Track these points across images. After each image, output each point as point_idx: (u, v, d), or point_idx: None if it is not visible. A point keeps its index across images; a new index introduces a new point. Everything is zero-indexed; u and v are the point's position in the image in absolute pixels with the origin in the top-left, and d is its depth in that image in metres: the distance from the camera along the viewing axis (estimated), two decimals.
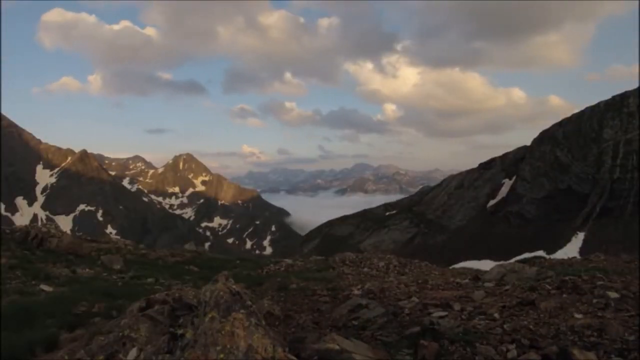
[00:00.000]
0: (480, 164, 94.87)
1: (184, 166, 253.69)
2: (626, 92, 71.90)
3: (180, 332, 3.82)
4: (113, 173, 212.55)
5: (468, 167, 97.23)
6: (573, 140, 76.17)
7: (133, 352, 4.02)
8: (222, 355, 3.03)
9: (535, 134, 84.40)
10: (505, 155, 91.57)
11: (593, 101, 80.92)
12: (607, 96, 77.10)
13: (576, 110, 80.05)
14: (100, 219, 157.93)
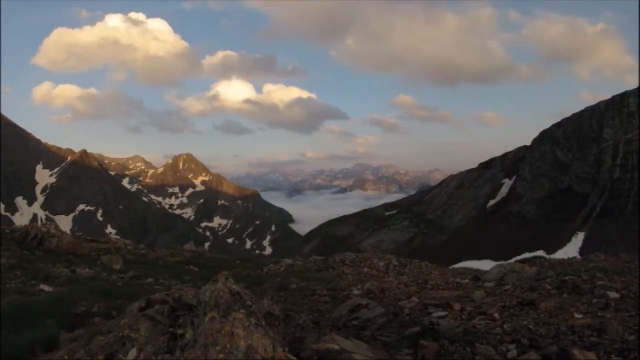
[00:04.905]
0: (481, 164, 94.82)
1: (184, 166, 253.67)
2: (626, 92, 71.83)
3: (180, 332, 3.82)
4: (113, 173, 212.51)
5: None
6: (573, 140, 76.12)
7: (133, 352, 4.02)
8: (222, 356, 3.03)
9: None
10: (505, 155, 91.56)
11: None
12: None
13: None
14: (100, 219, 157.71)
